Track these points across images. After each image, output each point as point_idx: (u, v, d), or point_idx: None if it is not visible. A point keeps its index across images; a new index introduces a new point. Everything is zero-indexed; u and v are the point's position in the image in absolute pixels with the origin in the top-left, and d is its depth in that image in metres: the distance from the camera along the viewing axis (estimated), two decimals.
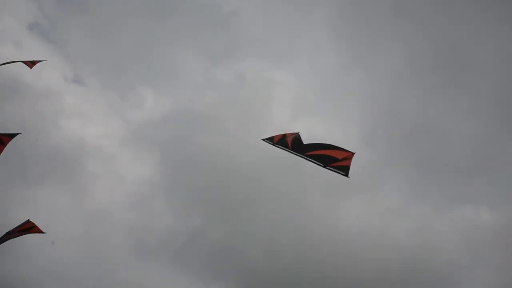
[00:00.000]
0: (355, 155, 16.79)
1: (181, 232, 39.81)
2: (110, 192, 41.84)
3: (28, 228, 19.27)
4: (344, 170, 16.38)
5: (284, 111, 53.42)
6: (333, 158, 16.65)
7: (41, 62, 21.63)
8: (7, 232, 19.49)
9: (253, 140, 49.07)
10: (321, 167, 16.97)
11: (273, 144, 18.58)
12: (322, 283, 36.47)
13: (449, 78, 51.79)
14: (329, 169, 16.53)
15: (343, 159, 16.47)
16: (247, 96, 52.15)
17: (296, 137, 18.47)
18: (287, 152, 17.92)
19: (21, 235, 19.44)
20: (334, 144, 17.39)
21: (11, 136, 19.80)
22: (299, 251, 39.57)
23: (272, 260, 38.92)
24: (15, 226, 19.53)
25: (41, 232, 19.43)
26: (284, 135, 18.74)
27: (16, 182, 37.89)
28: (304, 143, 18.06)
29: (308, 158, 17.12)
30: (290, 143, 18.23)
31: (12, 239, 19.30)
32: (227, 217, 41.70)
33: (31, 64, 21.31)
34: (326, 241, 40.05)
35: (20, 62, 21.25)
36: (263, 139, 19.03)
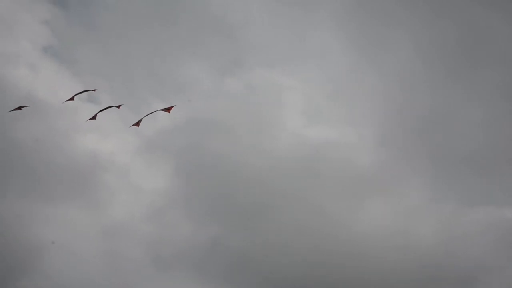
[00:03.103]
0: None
1: (200, 242, 39.52)
2: (127, 205, 41.84)
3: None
4: None
5: (296, 116, 53.16)
6: None
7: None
8: None
9: (266, 146, 49.22)
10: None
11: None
12: (344, 286, 35.90)
13: (462, 71, 51.24)
14: None
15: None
16: (257, 102, 52.07)
17: None
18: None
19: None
20: None
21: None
22: (319, 255, 39.04)
23: (292, 265, 38.40)
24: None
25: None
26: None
27: (35, 199, 38.23)
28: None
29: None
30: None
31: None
32: (245, 223, 41.33)
33: (167, 110, 23.01)
34: (346, 244, 39.47)
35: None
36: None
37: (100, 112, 23.10)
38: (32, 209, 37.15)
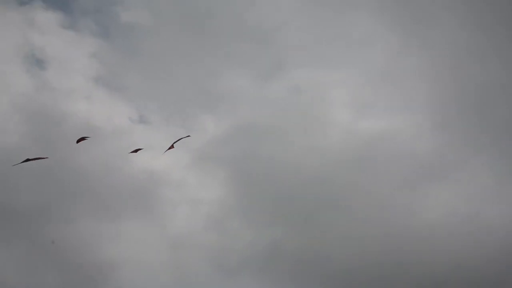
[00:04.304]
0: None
1: (262, 246, 39.64)
2: (187, 217, 42.94)
3: None
4: None
5: (345, 111, 52.16)
6: None
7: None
8: None
9: (318, 145, 48.65)
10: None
11: None
12: (411, 276, 34.36)
13: None
14: None
15: None
16: (304, 102, 51.71)
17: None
18: None
19: None
20: None
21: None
22: (384, 245, 37.80)
23: (358, 260, 37.43)
24: None
25: None
26: None
27: (103, 219, 40.44)
28: None
29: None
30: None
31: None
32: (305, 224, 40.93)
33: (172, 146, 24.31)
34: (410, 232, 37.90)
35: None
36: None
37: (176, 143, 24.74)
38: (101, 229, 39.33)
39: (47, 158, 23.19)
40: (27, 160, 22.86)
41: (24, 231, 36.35)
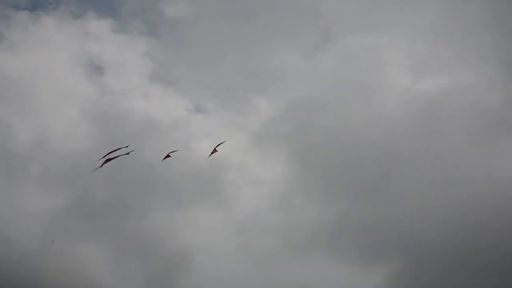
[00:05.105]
0: None
1: (329, 220, 39.56)
2: (252, 198, 43.90)
3: None
4: None
5: (402, 74, 49.89)
6: None
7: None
8: None
9: (376, 112, 46.98)
10: None
11: None
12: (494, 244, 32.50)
13: None
14: None
15: None
16: (357, 71, 50.13)
17: None
18: None
19: None
20: None
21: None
22: (461, 208, 36.07)
23: (431, 227, 36.13)
24: None
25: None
26: None
27: (174, 208, 42.59)
28: None
29: None
30: None
31: None
32: (370, 193, 40.26)
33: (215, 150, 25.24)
34: (489, 190, 35.74)
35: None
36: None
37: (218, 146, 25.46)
38: (174, 218, 41.48)
39: (126, 147, 24.03)
40: (107, 160, 23.92)
41: (106, 227, 39.32)
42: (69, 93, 51.65)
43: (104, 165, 24.30)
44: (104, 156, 23.23)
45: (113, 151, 23.99)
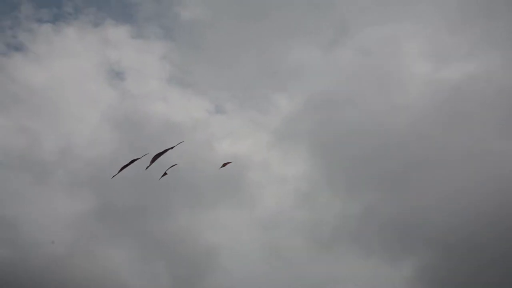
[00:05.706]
0: None
1: (353, 215, 38.92)
2: (275, 196, 43.68)
3: None
4: None
5: (422, 62, 48.60)
6: None
7: None
8: None
9: (398, 103, 45.90)
10: None
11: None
12: None
13: None
14: None
15: None
16: (375, 62, 49.18)
17: None
18: None
19: None
20: None
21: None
22: (490, 202, 34.67)
23: (460, 220, 34.94)
24: None
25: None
26: None
27: (197, 208, 42.86)
28: None
29: None
30: None
31: None
32: (394, 186, 39.33)
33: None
34: None
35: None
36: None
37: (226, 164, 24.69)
38: (197, 218, 41.74)
39: (141, 158, 23.99)
40: (123, 167, 24.02)
41: (131, 229, 39.96)
42: (91, 100, 52.93)
43: (127, 167, 24.44)
44: (152, 161, 22.99)
45: (133, 160, 23.95)
